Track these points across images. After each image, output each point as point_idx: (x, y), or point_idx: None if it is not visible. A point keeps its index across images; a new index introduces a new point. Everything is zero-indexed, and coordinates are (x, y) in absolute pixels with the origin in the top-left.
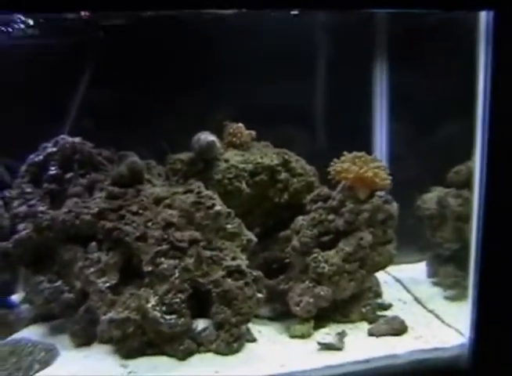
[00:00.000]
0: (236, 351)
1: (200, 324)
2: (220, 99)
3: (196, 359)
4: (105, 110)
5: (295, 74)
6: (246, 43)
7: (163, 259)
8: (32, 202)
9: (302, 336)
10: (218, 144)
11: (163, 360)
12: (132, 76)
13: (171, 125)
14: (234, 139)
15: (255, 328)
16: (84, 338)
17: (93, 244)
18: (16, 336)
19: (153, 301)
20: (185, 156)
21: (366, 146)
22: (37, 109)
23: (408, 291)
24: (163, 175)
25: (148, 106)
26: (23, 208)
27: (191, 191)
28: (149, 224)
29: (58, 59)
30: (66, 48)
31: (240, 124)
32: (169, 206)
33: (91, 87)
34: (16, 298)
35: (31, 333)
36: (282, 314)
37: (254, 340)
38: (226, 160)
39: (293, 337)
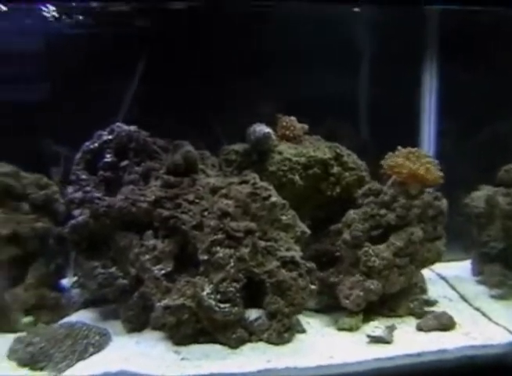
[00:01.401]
0: (287, 341)
1: (253, 314)
2: (271, 90)
3: (247, 348)
4: (158, 99)
5: (347, 69)
6: (302, 36)
7: (218, 248)
8: (87, 189)
9: (350, 329)
10: (273, 136)
11: (215, 348)
12: (186, 66)
13: (223, 116)
14: (287, 132)
15: (304, 320)
16: (137, 324)
17: (149, 231)
18: (68, 319)
19: (207, 289)
20: (239, 147)
21: (413, 143)
22: (92, 96)
23: (453, 288)
24: (216, 166)
25: (201, 96)
26: (79, 194)
27: (246, 182)
28: (205, 213)
29: (113, 47)
30: (121, 37)
31: (293, 118)
32: (225, 196)
33: (146, 76)
34: (66, 282)
35: (82, 317)
36: (329, 306)
37: (303, 331)
38: (280, 153)
39: (341, 329)
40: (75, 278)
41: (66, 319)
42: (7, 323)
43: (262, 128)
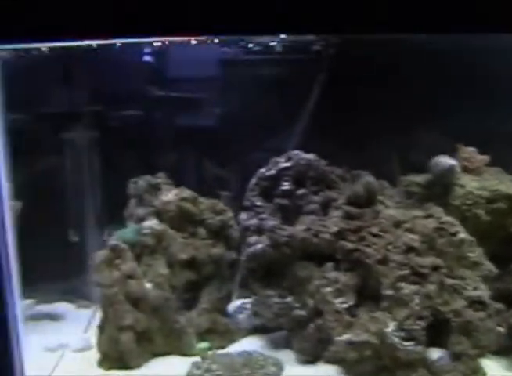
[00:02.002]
0: None
1: (435, 353)
2: (445, 121)
3: None
4: (331, 127)
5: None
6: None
7: (403, 284)
8: (263, 216)
9: None
10: (458, 169)
11: None
12: (360, 95)
13: (396, 146)
14: (467, 164)
15: (482, 362)
16: (311, 356)
17: (330, 263)
18: (236, 345)
19: (391, 325)
20: (421, 178)
21: None
22: (265, 122)
23: None
24: (394, 197)
25: (372, 126)
26: (254, 221)
27: (431, 216)
28: (390, 247)
29: (291, 75)
30: (299, 65)
31: (473, 149)
32: (409, 230)
33: (319, 105)
34: (232, 307)
35: (250, 344)
36: (508, 348)
37: (484, 374)
38: (462, 186)
39: None
40: (238, 302)
41: (235, 345)
42: (182, 346)
43: (447, 160)
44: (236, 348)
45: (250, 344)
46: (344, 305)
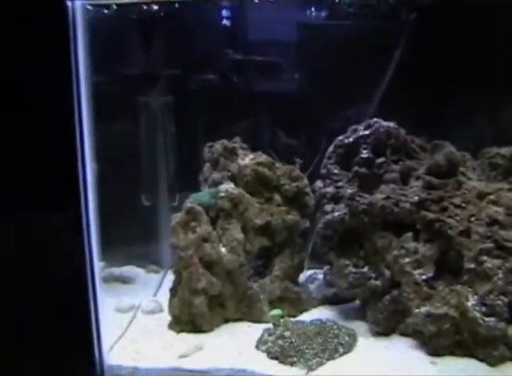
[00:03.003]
0: None
1: None
2: None
3: (508, 367)
4: (410, 95)
5: None
6: None
7: (486, 258)
8: (339, 184)
9: None
10: None
11: (472, 363)
12: (443, 62)
13: (478, 117)
14: None
15: None
16: (385, 328)
17: (410, 233)
18: (307, 315)
19: (472, 300)
20: (506, 151)
21: None
22: (342, 89)
23: None
24: (476, 169)
25: (454, 95)
26: (331, 189)
27: None
28: (473, 219)
29: (367, 40)
30: (378, 29)
31: None
32: (494, 202)
33: (398, 70)
34: (303, 276)
35: (322, 314)
36: None
37: None
38: None
39: None
40: (309, 272)
41: (306, 315)
42: (254, 313)
43: None
44: (307, 317)
45: (321, 314)
46: (423, 277)
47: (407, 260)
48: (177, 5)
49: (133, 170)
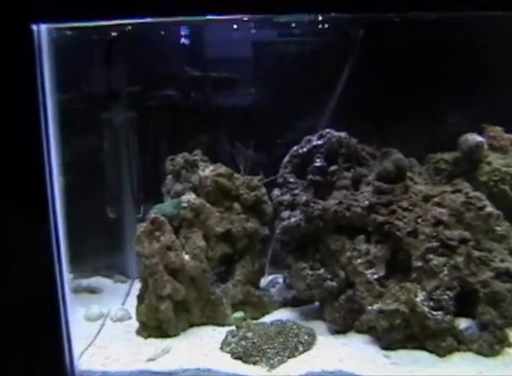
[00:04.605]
0: (498, 353)
1: (463, 323)
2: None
3: (456, 357)
4: (359, 106)
5: None
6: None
7: (432, 256)
8: (296, 192)
9: None
10: (485, 146)
11: (423, 355)
12: (389, 74)
13: (423, 125)
14: (494, 142)
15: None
16: (342, 326)
17: (362, 236)
18: (268, 318)
19: (421, 295)
20: (449, 156)
21: None
22: (297, 102)
23: None
24: (423, 174)
25: (400, 104)
26: (287, 197)
27: (459, 191)
28: (419, 220)
29: (319, 56)
30: (327, 46)
31: (499, 128)
32: (438, 204)
33: (349, 84)
34: (263, 281)
35: (282, 316)
36: None
37: (511, 344)
38: (489, 163)
39: None
40: (270, 277)
41: (268, 317)
42: (218, 316)
43: (475, 137)
44: (268, 319)
45: (282, 315)
46: (375, 276)
47: (360, 261)
48: (137, 26)
49: (98, 183)
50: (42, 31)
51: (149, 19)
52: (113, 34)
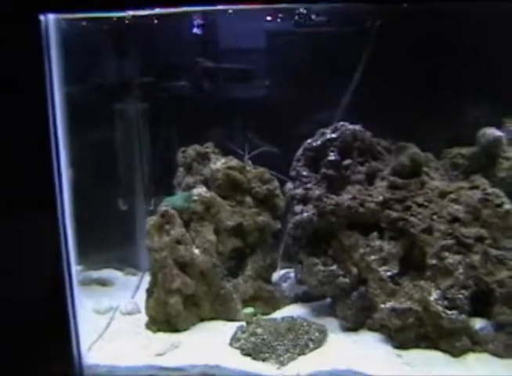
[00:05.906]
0: None
1: (478, 323)
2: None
3: (471, 357)
4: (376, 99)
5: None
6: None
7: (447, 254)
8: (308, 186)
9: None
10: (504, 140)
11: (437, 355)
12: (406, 67)
13: (441, 119)
14: None
15: None
16: (354, 323)
17: (375, 232)
18: (281, 313)
19: (435, 294)
20: (466, 151)
21: None
22: (312, 94)
23: None
24: (439, 169)
25: (417, 97)
26: (300, 191)
27: (477, 187)
28: (435, 217)
29: (334, 47)
30: (344, 36)
31: None
32: (455, 201)
33: (365, 77)
34: (275, 276)
35: (294, 312)
36: None
37: None
38: (507, 159)
39: None
40: (282, 272)
41: (279, 313)
42: (228, 311)
43: (493, 131)
44: (279, 315)
45: (293, 311)
46: (388, 274)
47: (373, 258)
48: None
49: (110, 175)
50: (50, 21)
51: (158, 10)
52: (125, 23)
